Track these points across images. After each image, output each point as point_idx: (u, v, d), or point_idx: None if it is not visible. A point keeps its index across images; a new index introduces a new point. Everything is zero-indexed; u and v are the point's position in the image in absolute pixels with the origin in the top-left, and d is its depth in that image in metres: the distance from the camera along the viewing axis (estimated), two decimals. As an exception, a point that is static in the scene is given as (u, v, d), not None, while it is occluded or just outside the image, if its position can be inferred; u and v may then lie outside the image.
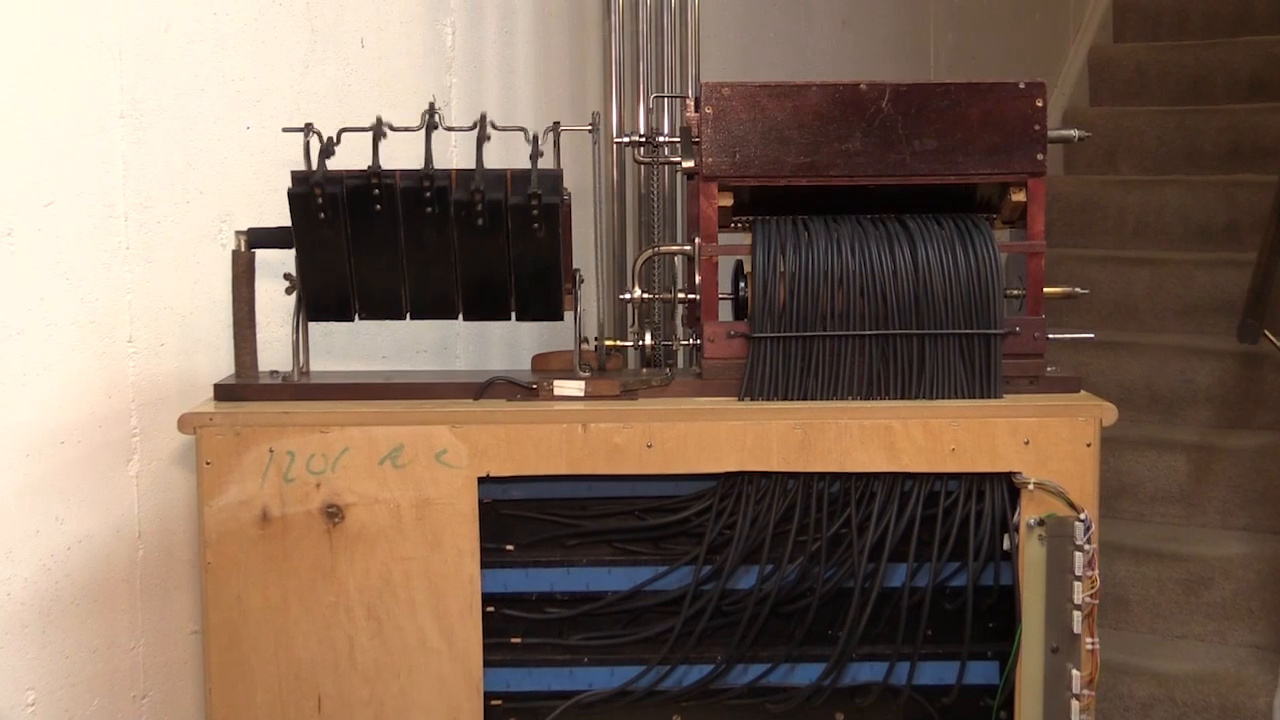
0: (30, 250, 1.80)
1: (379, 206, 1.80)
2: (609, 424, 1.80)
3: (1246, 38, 4.50)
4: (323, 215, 1.80)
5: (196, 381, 2.00)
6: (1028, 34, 4.45)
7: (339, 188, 1.79)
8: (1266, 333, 2.84)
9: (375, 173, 1.79)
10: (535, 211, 1.79)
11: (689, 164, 1.90)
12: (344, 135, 1.85)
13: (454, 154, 2.35)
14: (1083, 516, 1.79)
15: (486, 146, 1.80)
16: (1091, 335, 2.13)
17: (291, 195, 1.80)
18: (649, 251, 2.05)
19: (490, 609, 1.85)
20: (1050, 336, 1.90)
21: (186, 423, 1.79)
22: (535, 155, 1.81)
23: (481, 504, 1.81)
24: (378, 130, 1.81)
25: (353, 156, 1.84)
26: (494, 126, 1.85)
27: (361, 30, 2.27)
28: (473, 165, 1.80)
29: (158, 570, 1.99)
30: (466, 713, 1.81)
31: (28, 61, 1.79)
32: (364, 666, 1.80)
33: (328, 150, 1.81)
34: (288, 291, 1.90)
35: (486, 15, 2.52)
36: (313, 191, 1.79)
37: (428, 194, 1.78)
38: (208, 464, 1.78)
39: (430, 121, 1.81)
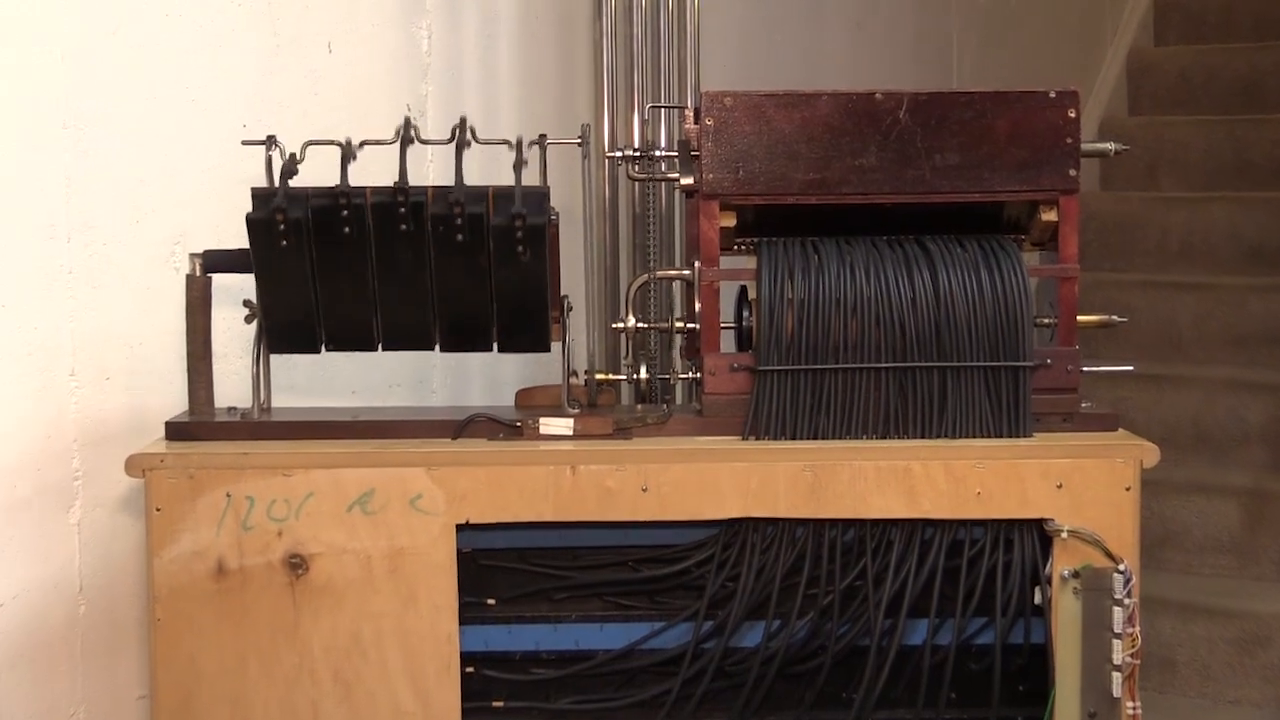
0: (-36, 275, 1.81)
1: (347, 229, 1.81)
2: (600, 466, 1.81)
3: (1303, 39, 4.53)
4: (285, 238, 1.81)
5: (146, 419, 2.01)
6: (1060, 37, 4.48)
7: (303, 208, 1.81)
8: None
9: (343, 191, 1.80)
10: (519, 233, 1.80)
11: (688, 181, 1.92)
12: (310, 149, 1.87)
13: (430, 169, 2.37)
14: (1122, 568, 1.80)
15: (466, 162, 1.82)
16: (1131, 368, 2.14)
17: (251, 218, 1.81)
18: (644, 277, 2.06)
19: (470, 670, 1.86)
20: (1085, 369, 1.92)
21: (135, 464, 1.80)
22: (519, 169, 1.82)
23: (460, 554, 1.82)
24: (346, 149, 1.83)
25: (319, 170, 1.85)
26: (474, 138, 1.86)
27: (328, 33, 2.28)
28: (451, 181, 1.82)
29: (101, 629, 1.99)
30: (443, 785, 1.82)
31: (-38, 68, 1.81)
32: (330, 734, 1.81)
33: (289, 170, 1.82)
34: (247, 320, 1.91)
35: (465, 17, 2.55)
36: (274, 213, 1.80)
37: (402, 210, 1.79)
38: (158, 510, 1.79)
39: (405, 135, 1.83)
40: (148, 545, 1.80)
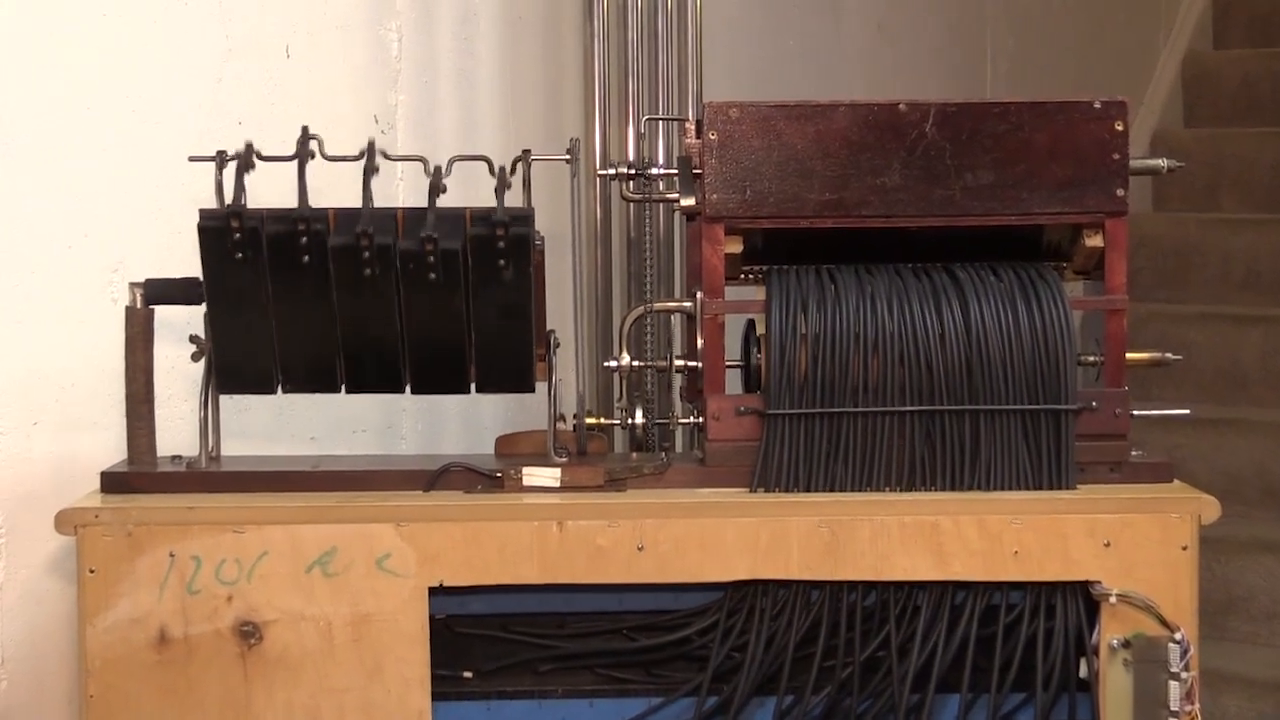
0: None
1: (307, 258, 1.82)
2: (591, 521, 1.82)
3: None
4: (240, 258, 1.82)
5: (78, 469, 2.01)
6: (1106, 40, 4.50)
7: (259, 226, 1.82)
8: None
9: (303, 215, 1.81)
10: (501, 245, 1.81)
11: (689, 202, 1.93)
12: (265, 164, 1.88)
13: (401, 187, 2.38)
14: (1178, 637, 1.80)
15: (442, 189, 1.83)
16: (1187, 411, 2.15)
17: (202, 231, 1.82)
18: (640, 309, 2.07)
19: (443, 753, 1.86)
20: (1135, 413, 1.92)
21: (65, 520, 1.81)
22: (502, 190, 1.83)
23: (433, 621, 1.82)
24: (303, 153, 1.84)
25: (276, 190, 1.86)
26: (451, 160, 1.87)
27: (287, 35, 2.30)
28: (423, 199, 1.82)
29: (26, 706, 1.99)
30: None
31: None
32: (285, 825, 1.81)
33: (246, 162, 1.82)
34: (194, 357, 1.92)
35: (440, 18, 2.56)
36: (228, 228, 1.81)
37: (366, 254, 1.79)
38: (92, 572, 1.80)
39: (369, 163, 1.83)
40: (80, 612, 1.80)
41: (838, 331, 1.86)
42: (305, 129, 1.85)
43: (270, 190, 1.87)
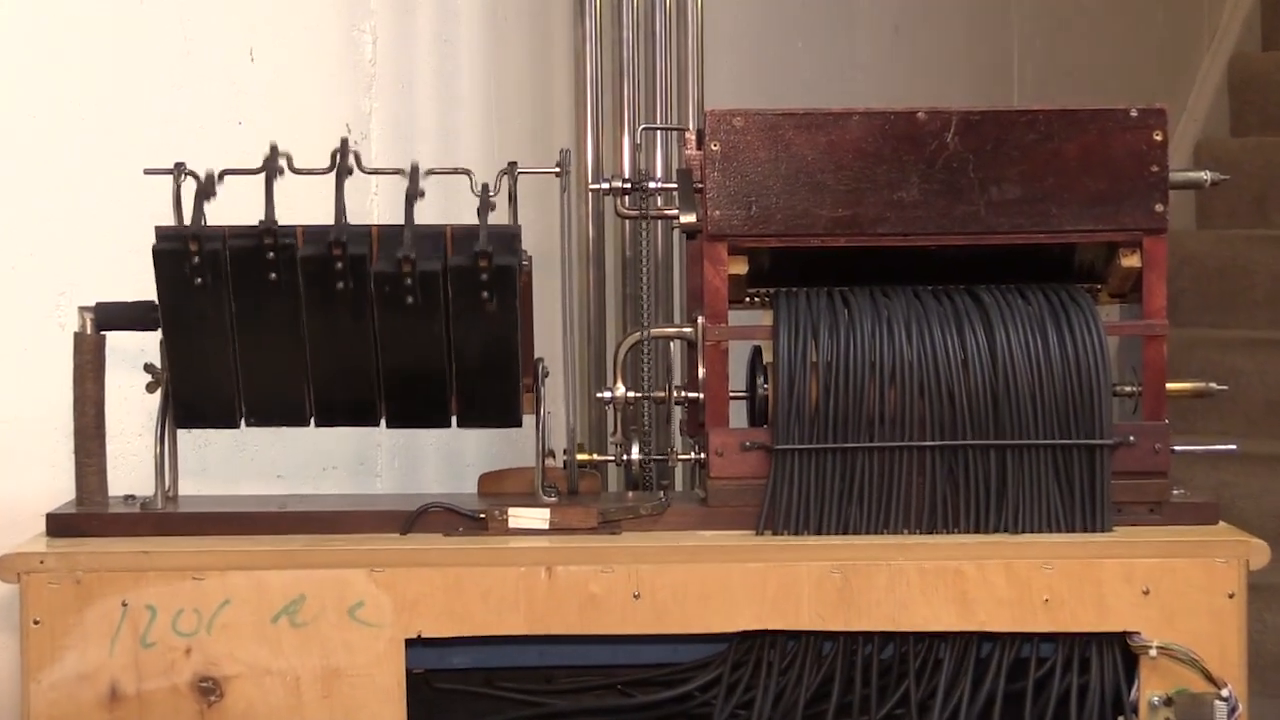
0: None
1: (274, 275, 1.83)
2: (583, 567, 1.82)
3: None
4: (199, 281, 1.83)
5: (21, 510, 2.01)
6: (1144, 41, 4.51)
7: (221, 242, 1.82)
8: None
9: (269, 230, 1.82)
10: (485, 276, 1.82)
11: (689, 218, 1.94)
12: (227, 177, 1.88)
13: (376, 202, 2.38)
14: (1225, 693, 1.80)
15: (419, 194, 1.84)
16: (1234, 447, 2.15)
17: (157, 255, 1.83)
18: (636, 335, 2.07)
19: (420, 820, 1.86)
20: (1177, 449, 1.93)
21: (7, 567, 1.81)
22: (485, 212, 1.84)
23: (410, 675, 1.82)
24: (271, 169, 1.85)
25: (239, 208, 1.87)
26: (428, 172, 1.87)
27: (250, 37, 2.30)
28: (399, 215, 1.83)
29: (-34, 769, 1.99)
30: None
31: None
32: None
33: (206, 190, 1.83)
34: (150, 388, 1.92)
35: (418, 18, 2.57)
36: (186, 250, 1.82)
37: (338, 266, 1.80)
38: (36, 623, 1.80)
39: (342, 165, 1.84)
40: (23, 666, 1.80)
41: (852, 359, 1.86)
42: (274, 146, 1.85)
43: (232, 204, 1.87)
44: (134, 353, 1.98)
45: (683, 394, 1.98)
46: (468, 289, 1.83)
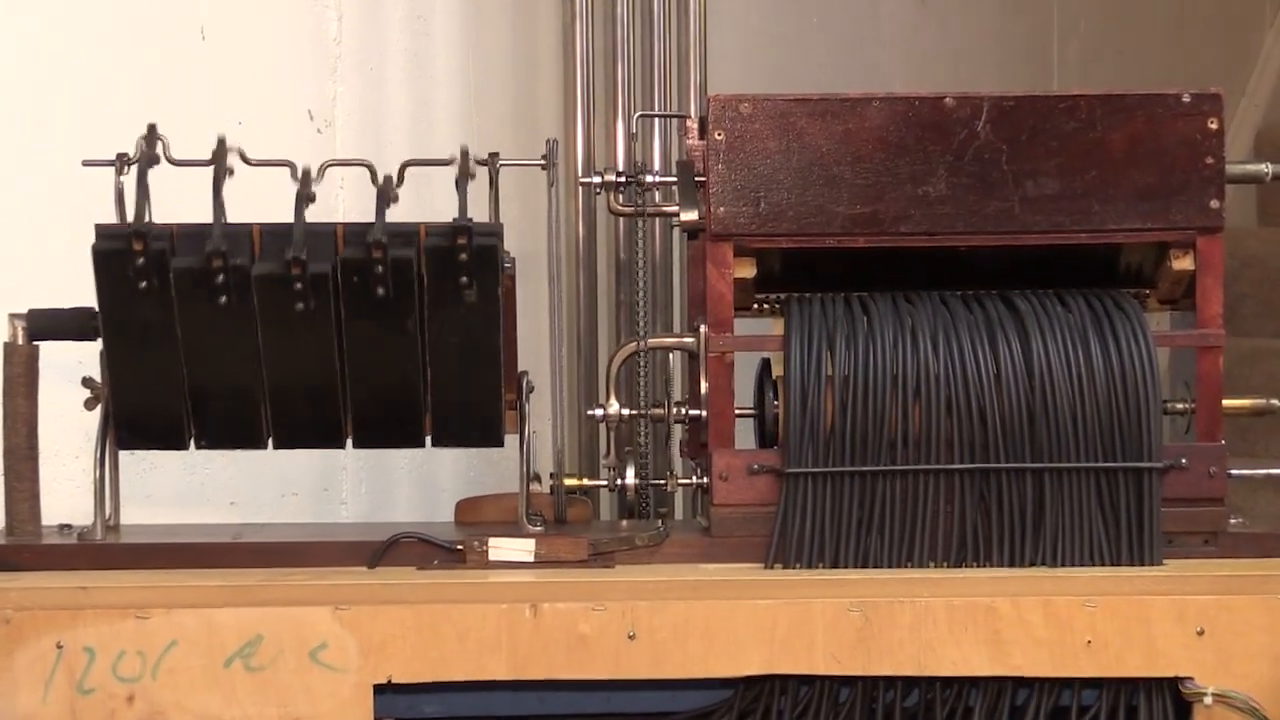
0: None
1: (224, 284, 1.82)
2: (572, 604, 1.82)
3: None
4: (144, 285, 1.83)
5: (-53, 541, 2.01)
6: (1198, 18, 4.51)
7: (167, 245, 1.82)
8: None
9: (220, 243, 1.81)
10: (464, 256, 1.81)
11: (691, 216, 1.94)
12: (176, 169, 1.88)
13: (341, 197, 2.38)
14: (1287, 745, 1.81)
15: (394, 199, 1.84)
16: (1298, 471, 2.16)
17: (97, 254, 1.83)
18: (631, 346, 2.08)
19: None
20: (1234, 472, 1.93)
21: (-69, 603, 1.81)
22: (464, 185, 1.83)
23: (378, 726, 1.83)
24: (220, 164, 1.85)
25: (189, 198, 1.86)
26: (402, 166, 1.88)
27: (202, 15, 2.30)
28: (367, 213, 1.83)
29: (-117, 830, 1.99)
30: None
31: None
32: None
33: (147, 163, 1.83)
34: (89, 404, 1.92)
35: (388, -7, 2.58)
36: (129, 250, 1.81)
37: (297, 285, 1.80)
38: (-37, 666, 1.80)
39: (305, 189, 1.83)
40: (-52, 714, 1.81)
41: (871, 373, 1.87)
42: (222, 140, 1.85)
43: (181, 198, 1.87)
44: (71, 366, 1.98)
45: (683, 411, 1.98)
46: (445, 274, 1.82)
